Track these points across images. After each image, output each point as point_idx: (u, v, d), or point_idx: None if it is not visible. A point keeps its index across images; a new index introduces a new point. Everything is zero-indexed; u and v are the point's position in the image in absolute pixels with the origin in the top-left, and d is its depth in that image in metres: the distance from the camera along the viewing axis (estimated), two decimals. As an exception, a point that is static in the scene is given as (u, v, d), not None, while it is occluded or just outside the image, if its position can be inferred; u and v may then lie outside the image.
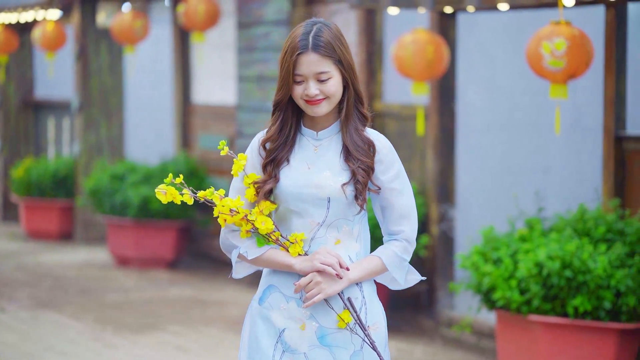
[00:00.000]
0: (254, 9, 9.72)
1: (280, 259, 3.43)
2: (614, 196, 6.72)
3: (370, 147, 3.43)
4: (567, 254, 6.05)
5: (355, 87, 3.46)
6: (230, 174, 11.03)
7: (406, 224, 3.49)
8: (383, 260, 3.47)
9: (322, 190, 3.40)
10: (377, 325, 3.49)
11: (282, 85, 3.41)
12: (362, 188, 3.40)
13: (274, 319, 3.45)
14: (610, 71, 6.77)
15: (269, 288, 3.49)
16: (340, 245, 3.45)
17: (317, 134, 3.48)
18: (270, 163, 3.44)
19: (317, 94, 3.38)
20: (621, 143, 6.78)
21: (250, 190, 3.44)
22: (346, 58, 3.42)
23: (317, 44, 3.35)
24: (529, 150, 7.90)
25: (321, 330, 3.43)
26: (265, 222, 3.39)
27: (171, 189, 3.40)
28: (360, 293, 3.47)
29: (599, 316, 6.08)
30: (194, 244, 11.11)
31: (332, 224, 3.43)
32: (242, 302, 9.05)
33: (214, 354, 7.34)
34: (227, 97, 10.71)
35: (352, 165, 3.40)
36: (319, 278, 3.36)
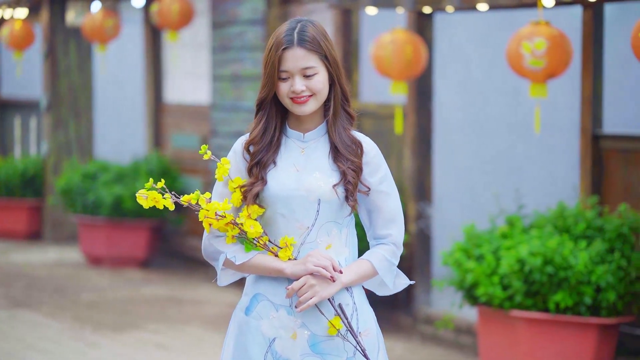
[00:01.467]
0: (229, 9, 9.76)
1: (270, 263, 3.32)
2: (592, 194, 6.83)
3: (358, 148, 3.37)
4: (548, 251, 6.15)
5: (342, 85, 3.38)
6: (204, 174, 11.01)
7: (394, 228, 3.42)
8: (373, 264, 3.38)
9: (312, 193, 3.32)
10: (369, 332, 3.42)
11: (266, 82, 3.33)
12: (353, 188, 3.33)
13: (263, 328, 3.35)
14: (588, 71, 6.88)
15: (256, 297, 3.37)
16: (331, 249, 3.37)
17: (303, 136, 3.39)
18: (256, 165, 3.35)
19: (304, 89, 3.30)
20: (598, 141, 6.90)
21: (236, 194, 3.34)
22: (332, 54, 3.35)
23: (303, 38, 3.30)
24: (504, 149, 8.00)
25: (313, 338, 3.35)
26: (253, 226, 3.30)
27: (153, 193, 3.30)
28: (351, 299, 3.39)
29: (579, 311, 6.19)
30: (167, 243, 11.12)
31: (321, 227, 3.34)
32: (218, 300, 9.08)
33: (196, 351, 7.38)
34: (201, 97, 10.73)
35: (342, 166, 3.33)
36: (312, 281, 3.28)
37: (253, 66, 9.44)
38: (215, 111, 9.99)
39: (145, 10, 11.40)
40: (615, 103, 7.39)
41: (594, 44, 6.86)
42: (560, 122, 7.65)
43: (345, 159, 3.34)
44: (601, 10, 6.87)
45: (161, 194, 3.32)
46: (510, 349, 6.40)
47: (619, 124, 7.47)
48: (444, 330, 7.65)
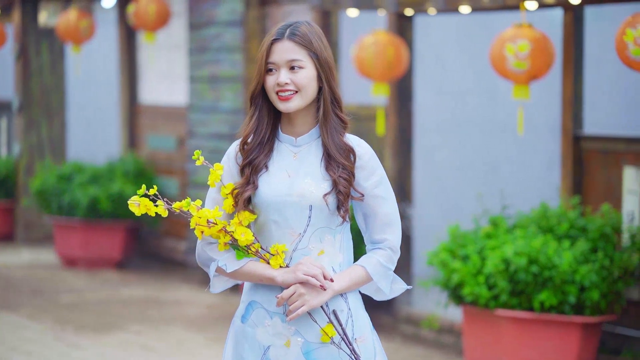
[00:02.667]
0: (206, 10, 9.77)
1: (261, 271, 3.28)
2: (573, 194, 6.92)
3: (351, 154, 3.31)
4: (533, 250, 6.23)
5: (332, 88, 3.32)
6: (180, 175, 11.01)
7: (390, 232, 3.36)
8: (368, 270, 3.33)
9: (304, 199, 3.28)
10: (364, 338, 3.37)
11: (256, 74, 3.33)
12: (344, 198, 3.28)
13: (258, 336, 3.33)
14: (568, 72, 6.98)
15: (251, 305, 3.35)
16: (324, 256, 3.31)
17: (295, 140, 3.35)
18: (248, 166, 3.31)
19: (288, 82, 3.26)
20: (579, 142, 6.99)
21: (228, 200, 3.31)
22: (323, 55, 3.30)
23: (293, 32, 3.29)
24: (483, 150, 8.08)
25: (306, 345, 3.30)
26: (244, 234, 3.25)
27: (145, 200, 3.25)
28: (346, 305, 3.34)
29: (563, 310, 6.27)
30: (142, 244, 11.11)
31: (314, 234, 3.30)
32: (198, 301, 9.10)
33: (180, 352, 7.39)
34: (177, 98, 10.73)
35: (333, 175, 3.27)
36: (302, 290, 3.23)
37: (231, 67, 9.46)
38: (192, 112, 10.00)
39: (119, 11, 11.38)
40: (595, 104, 7.49)
41: (574, 46, 6.95)
42: (540, 123, 7.74)
43: (337, 164, 3.29)
44: (581, 13, 6.97)
45: (153, 201, 3.27)
46: (495, 348, 6.47)
47: (599, 125, 7.57)
48: (425, 330, 7.72)
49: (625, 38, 5.87)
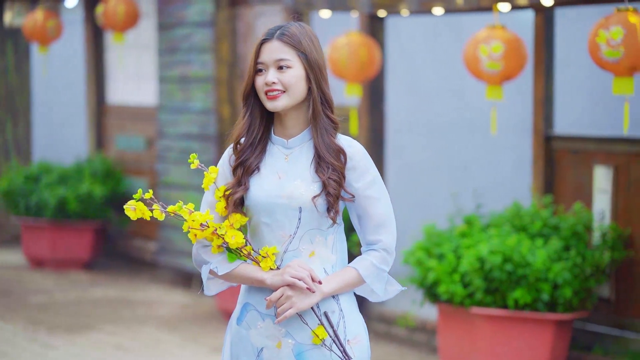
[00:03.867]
0: (176, 11, 9.78)
1: (252, 274, 3.29)
2: (544, 193, 7.03)
3: (341, 154, 3.30)
4: (507, 249, 6.32)
5: (323, 89, 3.32)
6: (149, 175, 10.98)
7: (384, 233, 3.33)
8: (360, 272, 3.31)
9: (294, 201, 3.28)
10: (359, 339, 3.35)
11: (247, 75, 3.35)
12: (334, 200, 3.27)
13: (252, 338, 3.34)
14: (540, 73, 7.08)
15: (245, 307, 3.37)
16: (314, 257, 3.31)
17: (287, 142, 3.35)
18: (240, 167, 3.33)
19: (275, 82, 3.27)
20: (550, 142, 7.09)
21: (221, 203, 3.32)
22: (313, 56, 3.31)
23: (283, 33, 3.32)
24: (454, 149, 8.17)
25: (298, 347, 3.30)
26: (235, 236, 3.25)
27: (140, 205, 3.26)
28: (338, 306, 3.33)
29: (537, 308, 6.37)
30: (110, 244, 11.09)
31: (304, 235, 3.29)
32: (169, 301, 9.11)
33: (154, 351, 7.41)
34: (146, 98, 10.73)
35: (322, 176, 3.26)
36: (289, 292, 3.23)
37: (201, 68, 9.48)
38: (162, 113, 10.00)
39: (86, 11, 11.35)
40: (565, 104, 7.60)
41: (545, 48, 7.06)
42: (510, 123, 7.84)
43: (327, 165, 3.28)
44: (552, 15, 7.07)
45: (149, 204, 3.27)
46: (469, 346, 6.55)
47: (569, 125, 7.68)
48: (397, 328, 7.79)
49: (597, 39, 5.97)
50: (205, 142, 9.47)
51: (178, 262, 9.79)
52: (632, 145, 6.66)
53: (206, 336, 7.86)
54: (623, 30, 5.88)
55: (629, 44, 5.86)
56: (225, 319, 8.35)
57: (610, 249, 6.53)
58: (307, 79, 3.31)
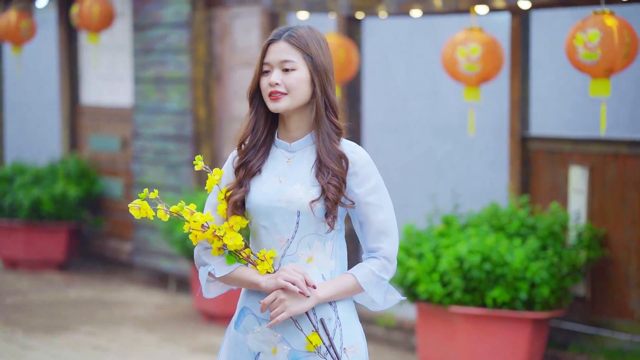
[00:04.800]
0: (151, 11, 9.79)
1: (248, 277, 3.26)
2: (521, 193, 7.11)
3: (343, 160, 3.25)
4: (486, 248, 6.40)
5: (328, 94, 3.27)
6: (124, 175, 10.94)
7: (385, 241, 3.27)
8: (357, 279, 3.24)
9: (292, 204, 3.24)
10: (356, 347, 3.29)
11: (253, 74, 3.32)
12: (332, 206, 3.21)
13: (249, 342, 3.31)
14: (516, 75, 7.16)
15: (243, 310, 3.34)
16: (312, 263, 3.26)
17: (290, 145, 3.32)
18: (243, 167, 3.31)
19: (278, 83, 3.23)
20: (526, 143, 7.18)
21: (223, 205, 3.29)
22: (320, 60, 3.26)
23: (290, 34, 3.27)
24: (430, 150, 8.23)
25: (293, 353, 3.25)
26: (234, 238, 3.22)
27: (145, 205, 3.24)
28: (335, 313, 3.26)
29: (515, 306, 6.45)
30: (85, 245, 11.08)
31: (302, 240, 3.25)
32: (145, 301, 9.13)
33: (133, 352, 7.42)
34: (120, 99, 10.72)
35: (321, 181, 3.22)
36: (282, 296, 3.18)
37: (177, 68, 9.50)
38: (137, 113, 10.01)
39: (59, 12, 11.33)
40: (541, 106, 7.69)
41: (521, 50, 7.14)
42: (486, 124, 7.92)
43: (327, 170, 3.23)
44: (528, 17, 7.16)
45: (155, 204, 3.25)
46: (448, 345, 6.62)
47: (545, 126, 7.77)
48: (375, 328, 7.84)
49: (575, 42, 6.06)
50: (182, 142, 9.49)
51: (154, 262, 9.80)
52: (607, 146, 6.75)
53: (185, 336, 7.88)
54: (600, 32, 5.97)
55: (605, 46, 5.95)
56: (203, 319, 8.37)
57: (586, 248, 6.63)
58: (311, 82, 3.26)
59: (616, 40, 5.95)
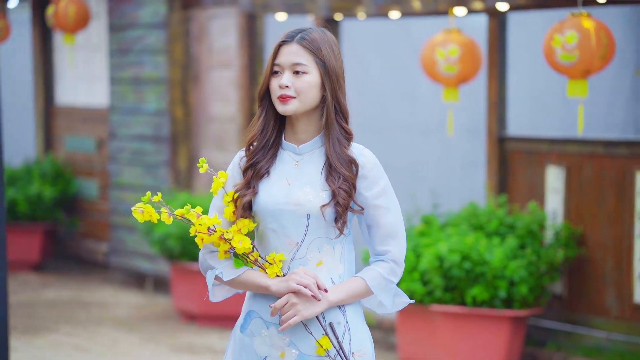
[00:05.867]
0: (128, 12, 9.81)
1: (257, 280, 3.23)
2: (498, 193, 7.20)
3: (353, 165, 3.25)
4: (465, 247, 6.48)
5: (338, 98, 3.26)
6: (100, 176, 10.89)
7: (393, 244, 3.27)
8: (367, 282, 3.24)
9: (302, 207, 3.23)
10: (364, 352, 3.29)
11: (263, 75, 3.30)
12: (343, 211, 3.21)
13: (255, 346, 3.29)
14: (493, 76, 7.25)
15: (250, 314, 3.32)
16: (322, 267, 3.25)
17: (297, 148, 3.30)
18: (251, 169, 3.29)
19: (288, 86, 3.22)
20: (503, 143, 7.27)
21: (229, 208, 3.27)
22: (331, 64, 3.24)
23: (303, 37, 3.25)
24: (407, 151, 8.30)
25: (302, 357, 3.24)
26: (242, 242, 3.20)
27: (149, 208, 3.21)
28: (343, 317, 3.26)
29: (494, 305, 6.53)
30: (60, 245, 11.07)
31: (312, 243, 3.24)
32: (123, 302, 9.14)
33: (115, 352, 7.44)
34: (96, 99, 10.72)
35: (332, 186, 3.21)
36: (294, 299, 3.17)
37: (154, 69, 9.52)
38: (114, 114, 10.02)
39: (34, 12, 11.32)
40: (518, 106, 7.79)
41: (498, 51, 7.23)
42: (462, 125, 8.00)
43: (338, 175, 3.23)
44: (505, 19, 7.25)
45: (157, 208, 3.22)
46: (429, 343, 6.70)
47: (522, 126, 7.86)
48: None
49: (553, 43, 6.15)
50: (159, 143, 9.51)
51: (131, 262, 9.82)
52: (584, 146, 6.85)
53: (165, 336, 7.91)
54: (577, 34, 6.07)
55: (583, 47, 6.05)
56: (182, 319, 8.40)
57: (563, 247, 6.72)
58: (322, 86, 3.25)
59: (593, 41, 6.05)
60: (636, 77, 7.85)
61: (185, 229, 8.05)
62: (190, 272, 8.17)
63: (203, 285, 8.12)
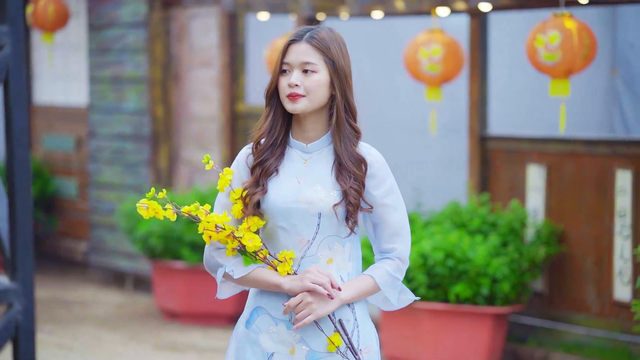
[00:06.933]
0: (108, 11, 9.81)
1: (268, 278, 3.25)
2: (480, 191, 7.27)
3: (362, 164, 3.29)
4: (449, 245, 6.55)
5: (347, 97, 3.29)
6: (78, 175, 10.86)
7: (399, 242, 3.31)
8: (376, 280, 3.28)
9: (313, 206, 3.25)
10: (370, 348, 3.33)
11: (272, 73, 3.31)
12: (354, 210, 3.25)
13: (262, 342, 3.30)
14: (475, 76, 7.33)
15: (257, 310, 3.33)
16: (332, 264, 3.28)
17: (306, 147, 3.31)
18: (259, 166, 3.29)
19: (298, 84, 3.23)
20: (485, 142, 7.34)
21: (237, 205, 3.28)
22: (340, 63, 3.27)
23: (312, 36, 3.27)
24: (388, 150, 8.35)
25: (311, 354, 3.27)
26: (253, 240, 3.21)
27: (153, 204, 3.20)
28: (352, 315, 3.30)
29: (477, 302, 6.61)
30: (38, 244, 11.05)
31: (323, 241, 3.27)
32: (103, 300, 9.15)
33: (98, 350, 7.45)
34: (75, 98, 10.72)
35: (344, 185, 3.24)
36: (309, 298, 3.19)
37: (135, 68, 9.53)
38: (93, 113, 10.02)
39: (12, 11, 11.28)
40: (499, 106, 7.87)
41: (480, 51, 7.30)
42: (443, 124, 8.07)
43: (348, 174, 3.25)
44: (486, 19, 7.32)
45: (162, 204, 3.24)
46: (413, 340, 6.75)
47: (503, 125, 7.94)
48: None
49: (536, 44, 6.23)
50: (139, 142, 9.53)
51: (110, 261, 9.82)
52: (565, 145, 6.94)
53: (147, 334, 7.93)
54: (560, 34, 6.15)
55: (565, 47, 6.13)
56: (164, 317, 8.42)
57: (544, 244, 6.81)
58: (330, 85, 3.27)
59: (576, 42, 6.14)
60: (612, 77, 7.95)
61: (168, 227, 8.07)
62: (172, 270, 8.20)
63: (185, 283, 8.16)
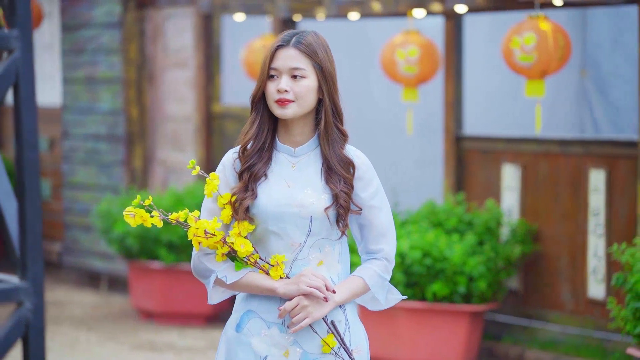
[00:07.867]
0: (82, 11, 9.81)
1: (262, 282, 3.26)
2: (455, 191, 7.35)
3: (350, 167, 3.30)
4: (426, 244, 6.62)
5: (335, 101, 3.31)
6: (52, 176, 10.83)
7: (385, 243, 3.36)
8: (365, 281, 3.31)
9: (304, 210, 3.26)
10: (360, 349, 3.36)
11: (258, 78, 3.30)
12: (345, 212, 3.27)
13: (254, 346, 3.30)
14: (450, 76, 7.40)
15: (247, 314, 3.32)
16: (323, 266, 3.30)
17: (294, 150, 3.32)
18: (247, 171, 3.29)
19: (287, 90, 3.23)
20: (460, 142, 7.42)
21: (226, 211, 3.27)
22: (327, 68, 3.29)
23: (299, 41, 3.27)
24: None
25: (305, 356, 3.28)
26: (244, 245, 3.21)
27: (140, 211, 3.19)
28: (344, 316, 3.32)
29: (454, 300, 6.68)
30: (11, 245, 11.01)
31: (314, 244, 3.28)
32: (78, 301, 9.14)
33: (75, 350, 7.46)
34: (48, 99, 10.69)
35: (334, 188, 3.26)
36: (305, 302, 3.21)
37: (109, 69, 9.54)
38: (67, 113, 10.02)
39: (-17, 11, 11.26)
40: (474, 106, 7.95)
41: (455, 52, 7.38)
42: (422, 124, 8.15)
43: (338, 177, 3.28)
44: (461, 21, 7.40)
45: (148, 212, 3.22)
46: (391, 339, 6.81)
47: (478, 125, 8.03)
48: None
49: (511, 45, 6.32)
50: (114, 142, 9.53)
51: (85, 262, 9.82)
52: (539, 145, 7.03)
53: (124, 334, 7.94)
54: (536, 36, 6.24)
55: (541, 49, 6.23)
56: (141, 317, 8.44)
57: (519, 243, 6.89)
58: (318, 89, 3.29)
59: (551, 43, 6.23)
60: (582, 78, 8.06)
61: (145, 228, 8.09)
62: (149, 270, 8.22)
63: (161, 283, 8.18)
